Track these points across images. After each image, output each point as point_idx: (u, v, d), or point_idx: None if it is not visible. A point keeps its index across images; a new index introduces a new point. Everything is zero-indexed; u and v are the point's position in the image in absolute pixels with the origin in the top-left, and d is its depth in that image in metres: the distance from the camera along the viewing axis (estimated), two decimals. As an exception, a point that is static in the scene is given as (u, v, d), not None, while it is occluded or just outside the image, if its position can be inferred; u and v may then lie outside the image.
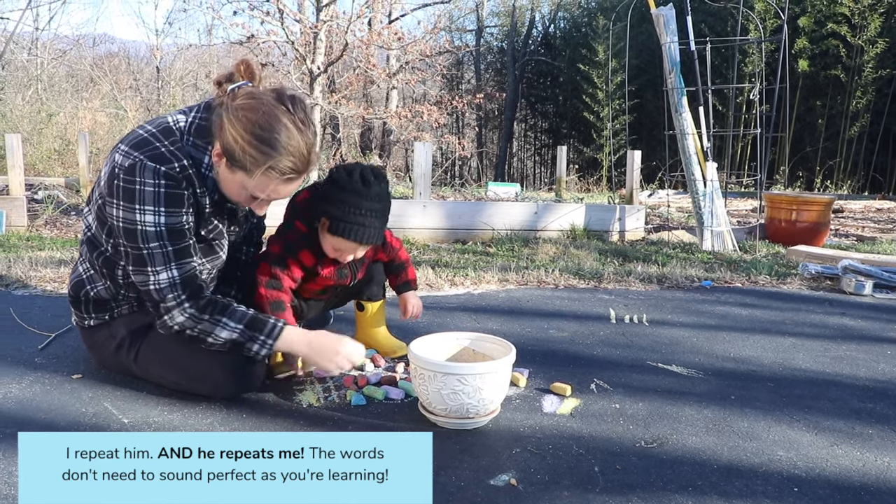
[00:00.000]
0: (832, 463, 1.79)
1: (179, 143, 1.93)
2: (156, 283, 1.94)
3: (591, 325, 3.07)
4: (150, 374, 2.17)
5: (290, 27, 11.24)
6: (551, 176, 17.51)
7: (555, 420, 2.02)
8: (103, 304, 2.16)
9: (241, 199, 1.98)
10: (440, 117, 12.40)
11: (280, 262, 2.26)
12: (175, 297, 1.94)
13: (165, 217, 1.90)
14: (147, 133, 1.93)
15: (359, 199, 2.10)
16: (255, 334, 1.99)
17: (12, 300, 3.22)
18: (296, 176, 1.89)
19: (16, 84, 14.76)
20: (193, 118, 1.98)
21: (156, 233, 1.90)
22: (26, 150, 9.45)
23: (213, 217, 2.05)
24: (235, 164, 1.86)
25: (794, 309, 3.50)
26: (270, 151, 1.82)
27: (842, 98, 12.34)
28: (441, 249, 5.13)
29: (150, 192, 1.87)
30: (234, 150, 1.83)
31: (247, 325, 1.99)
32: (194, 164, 1.94)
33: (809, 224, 5.65)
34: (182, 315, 1.96)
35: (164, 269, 1.93)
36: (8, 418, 1.92)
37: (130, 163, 1.87)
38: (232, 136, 1.83)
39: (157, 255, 1.92)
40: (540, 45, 20.06)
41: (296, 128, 1.85)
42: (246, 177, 1.87)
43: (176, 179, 1.89)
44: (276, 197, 1.95)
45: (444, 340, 2.17)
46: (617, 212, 5.97)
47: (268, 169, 1.83)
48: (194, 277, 1.98)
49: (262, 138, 1.81)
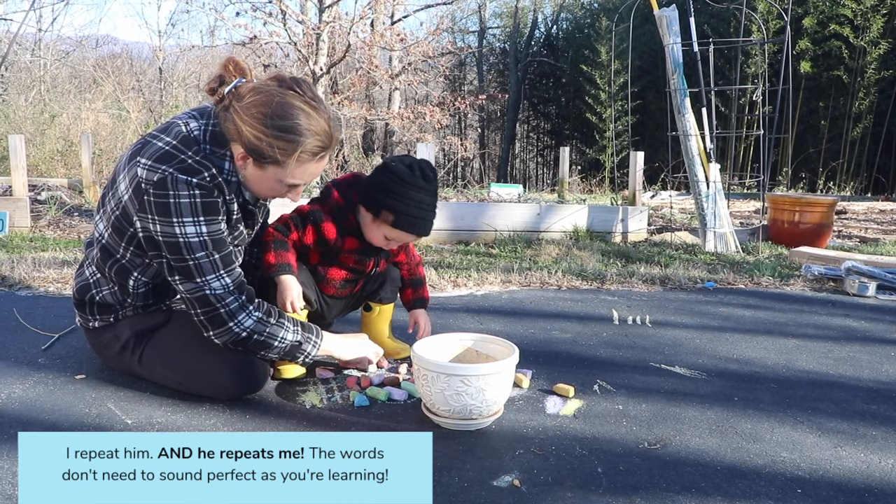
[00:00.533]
0: (836, 465, 1.79)
1: (202, 152, 1.93)
2: (211, 291, 1.94)
3: (594, 327, 3.07)
4: (154, 375, 2.17)
5: (292, 28, 11.26)
6: (553, 177, 17.50)
7: (558, 421, 2.02)
8: (108, 308, 2.17)
9: (277, 193, 2.02)
10: (442, 118, 12.40)
11: (299, 220, 2.30)
12: (236, 300, 1.97)
13: (206, 226, 1.91)
14: (167, 145, 1.91)
15: (422, 194, 2.18)
16: (308, 335, 2.10)
17: (16, 301, 3.22)
18: (325, 152, 1.95)
19: (19, 85, 14.80)
20: (206, 125, 1.97)
21: (200, 243, 1.90)
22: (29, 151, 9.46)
23: (239, 224, 2.07)
24: (265, 161, 1.89)
25: (798, 310, 3.49)
26: (297, 138, 1.86)
27: (844, 99, 12.32)
28: (444, 250, 5.13)
29: (186, 203, 1.86)
30: (261, 148, 1.86)
31: (302, 331, 2.09)
32: (218, 173, 1.95)
33: (812, 225, 5.64)
34: (250, 318, 1.98)
35: (216, 278, 1.94)
36: (12, 419, 1.93)
37: (160, 177, 1.85)
38: (253, 136, 1.85)
39: (204, 264, 1.92)
40: (542, 47, 20.06)
41: (311, 108, 1.89)
42: (279, 169, 1.91)
43: (208, 189, 1.89)
44: (312, 178, 2.01)
45: (447, 341, 2.17)
46: (620, 213, 5.97)
47: (300, 154, 1.88)
48: (244, 283, 2.02)
49: (285, 128, 1.85)
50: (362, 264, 2.39)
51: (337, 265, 2.38)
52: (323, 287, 2.42)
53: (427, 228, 2.25)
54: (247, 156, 1.91)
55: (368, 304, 2.57)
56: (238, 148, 1.92)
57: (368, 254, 2.37)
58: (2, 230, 5.28)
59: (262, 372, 2.11)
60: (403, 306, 2.64)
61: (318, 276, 2.38)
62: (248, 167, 1.94)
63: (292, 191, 2.03)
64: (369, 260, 2.40)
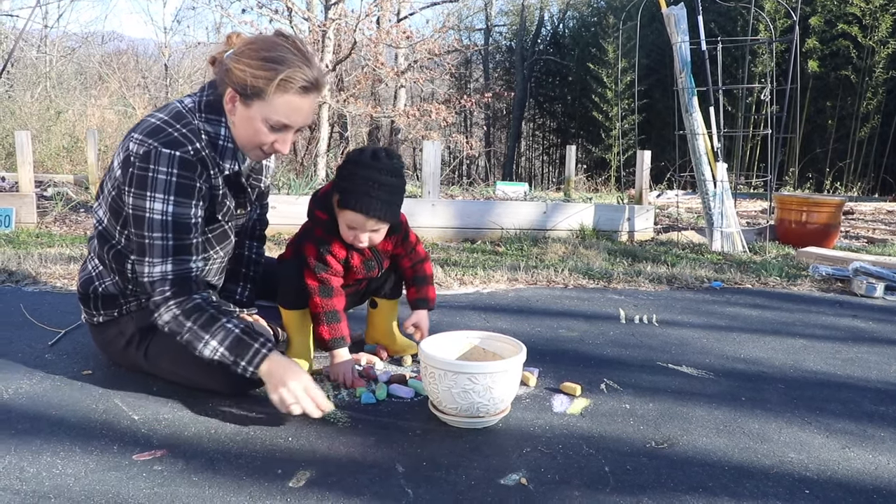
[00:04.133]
0: (844, 465, 1.78)
1: (192, 124, 1.96)
2: (149, 274, 1.93)
3: (600, 325, 3.07)
4: (160, 370, 2.17)
5: (298, 25, 11.28)
6: (559, 175, 17.50)
7: (565, 420, 2.01)
8: (112, 300, 2.17)
9: (264, 138, 1.97)
10: (448, 116, 12.38)
11: (320, 260, 2.26)
12: (162, 293, 1.92)
13: (174, 206, 1.91)
14: (159, 120, 1.95)
15: (367, 170, 2.11)
16: (238, 360, 1.89)
17: (22, 296, 3.23)
18: (310, 86, 1.92)
19: (25, 81, 14.82)
20: (202, 96, 2.01)
21: (161, 222, 1.90)
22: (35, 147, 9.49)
23: (226, 199, 2.07)
24: (250, 95, 1.90)
25: (805, 311, 3.48)
26: (280, 67, 1.87)
27: (852, 99, 12.28)
28: (450, 248, 5.13)
29: (162, 179, 1.88)
30: (246, 80, 1.88)
31: (228, 347, 1.88)
32: (210, 141, 1.97)
33: (820, 226, 5.63)
34: (168, 313, 1.92)
35: (161, 263, 1.92)
36: (19, 414, 1.93)
37: (145, 150, 1.89)
38: (240, 70, 1.88)
39: (157, 245, 1.92)
40: (549, 45, 20.03)
41: (299, 52, 1.92)
42: (263, 104, 1.91)
43: (190, 164, 1.91)
44: (297, 119, 1.95)
45: (454, 339, 2.16)
46: (626, 212, 5.95)
47: (281, 82, 1.87)
48: (188, 279, 1.94)
49: (270, 58, 1.88)
50: (368, 272, 2.39)
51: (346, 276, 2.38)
52: None
53: (373, 206, 2.11)
54: (234, 95, 1.92)
55: (374, 301, 2.57)
56: (229, 91, 1.93)
57: (371, 263, 2.37)
58: (8, 226, 5.29)
59: None
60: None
61: None
62: (237, 111, 1.95)
63: (279, 138, 1.98)
64: (374, 269, 2.39)
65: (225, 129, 1.99)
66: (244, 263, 2.41)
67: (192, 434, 1.84)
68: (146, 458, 1.70)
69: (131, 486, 1.56)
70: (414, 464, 1.71)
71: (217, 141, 1.99)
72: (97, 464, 1.66)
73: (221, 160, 2.01)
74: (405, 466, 1.69)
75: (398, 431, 1.90)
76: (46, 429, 1.84)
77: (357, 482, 1.61)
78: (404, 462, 1.72)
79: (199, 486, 1.57)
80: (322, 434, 1.86)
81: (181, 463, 1.68)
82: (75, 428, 1.85)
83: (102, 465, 1.65)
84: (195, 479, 1.60)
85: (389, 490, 1.58)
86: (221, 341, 1.89)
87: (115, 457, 1.70)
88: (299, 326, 2.35)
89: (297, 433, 1.86)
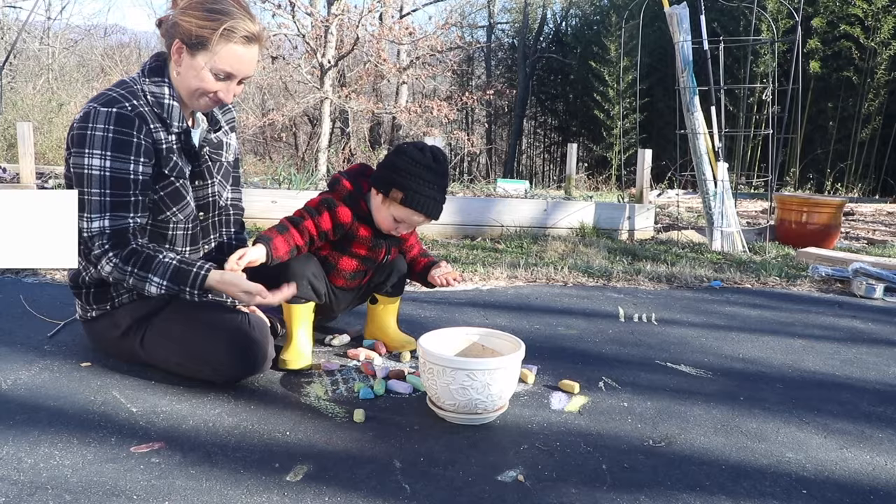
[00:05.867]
0: (841, 466, 1.78)
1: (133, 87, 2.05)
2: (88, 230, 2.00)
3: (599, 323, 3.07)
4: (155, 358, 2.18)
5: (301, 20, 11.26)
6: (560, 173, 17.49)
7: (563, 417, 2.02)
8: (103, 294, 2.19)
9: (208, 86, 2.04)
10: (450, 113, 12.38)
11: (313, 209, 2.32)
12: (101, 246, 2.00)
13: (111, 161, 1.97)
14: (104, 90, 2.06)
15: (433, 175, 2.22)
16: (182, 287, 2.00)
17: (22, 287, 3.23)
18: (252, 36, 2.03)
19: (27, 73, 14.81)
20: (145, 64, 2.12)
21: (99, 177, 1.97)
22: (37, 138, 9.48)
23: (172, 155, 2.11)
24: (195, 45, 1.99)
25: (804, 311, 3.48)
26: (223, 17, 1.97)
27: (854, 100, 12.26)
28: (450, 245, 5.13)
29: (99, 136, 1.96)
30: (192, 31, 1.97)
31: (170, 278, 1.99)
32: (157, 101, 2.05)
33: (820, 226, 5.62)
34: (109, 265, 2.00)
35: (99, 218, 1.99)
36: (18, 405, 1.93)
37: (85, 111, 1.99)
38: (186, 22, 1.97)
39: (95, 201, 1.98)
40: (551, 43, 19.99)
41: (240, 4, 2.04)
42: (207, 54, 2.00)
43: (128, 119, 1.98)
44: (240, 68, 2.04)
45: (453, 335, 2.17)
46: (626, 210, 5.95)
47: (225, 31, 1.97)
48: (125, 231, 2.02)
49: (214, 9, 1.98)
50: (375, 252, 2.40)
51: (348, 255, 2.40)
52: (333, 278, 2.43)
53: (436, 210, 2.26)
54: (181, 46, 2.00)
55: (374, 297, 2.57)
56: (175, 43, 2.01)
57: (380, 242, 2.39)
58: (9, 217, 5.29)
59: (261, 354, 2.12)
60: (422, 284, 2.62)
61: (328, 266, 2.39)
62: (183, 61, 2.03)
63: (222, 87, 2.06)
64: (381, 248, 2.40)
65: (169, 89, 2.08)
66: (224, 250, 2.40)
67: (190, 427, 1.84)
68: (144, 450, 1.70)
69: (129, 478, 1.56)
70: (411, 459, 1.71)
71: (162, 100, 2.07)
72: (95, 455, 1.66)
73: (169, 118, 2.08)
74: (402, 462, 1.70)
75: (396, 427, 1.90)
76: (45, 420, 1.84)
77: (354, 477, 1.61)
78: (402, 457, 1.72)
79: (197, 478, 1.57)
80: (320, 428, 1.87)
81: (179, 455, 1.68)
82: (73, 419, 1.86)
83: (100, 457, 1.65)
84: (193, 471, 1.60)
85: (387, 485, 1.58)
86: (163, 275, 1.99)
87: (113, 448, 1.70)
88: (300, 321, 2.35)
89: (295, 427, 1.87)
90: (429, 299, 3.36)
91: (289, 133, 17.62)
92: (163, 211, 2.13)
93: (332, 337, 2.60)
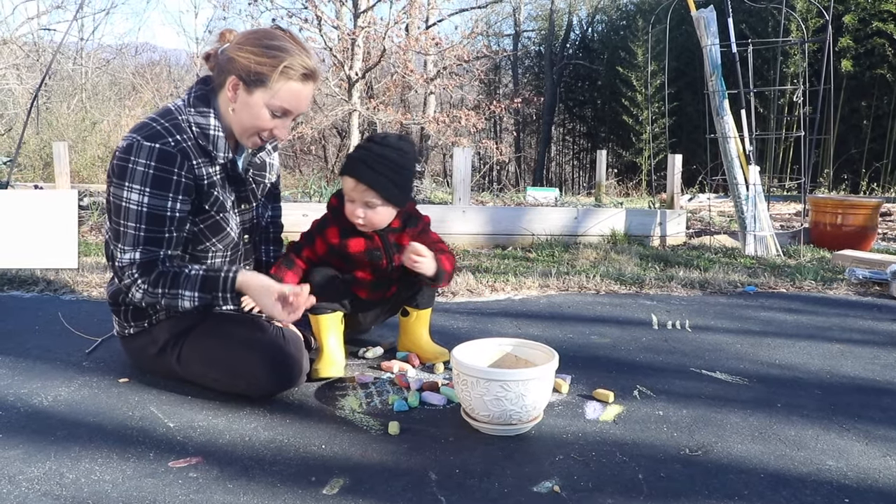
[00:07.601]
0: (885, 474, 1.75)
1: (178, 119, 2.04)
2: (120, 260, 2.03)
3: (633, 331, 3.05)
4: (192, 374, 2.21)
5: (328, 34, 11.37)
6: (590, 180, 17.41)
7: (598, 427, 2.00)
8: (141, 312, 2.22)
9: (264, 123, 2.05)
10: (478, 122, 12.41)
11: (307, 235, 2.40)
12: (130, 276, 2.03)
13: (150, 198, 1.98)
14: (148, 118, 2.06)
15: (369, 142, 2.25)
16: (214, 293, 2.04)
17: (60, 305, 3.29)
18: (310, 73, 2.04)
19: (61, 93, 15.09)
20: (191, 91, 2.11)
21: (136, 212, 1.99)
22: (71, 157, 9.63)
23: (214, 189, 2.12)
24: (253, 82, 1.99)
25: (842, 315, 3.43)
26: (282, 54, 1.98)
27: (888, 98, 12.06)
28: (481, 255, 5.13)
29: (140, 171, 1.97)
30: (249, 67, 1.97)
31: (200, 288, 2.03)
32: (202, 132, 2.05)
33: (856, 228, 5.53)
34: (139, 291, 2.03)
35: (131, 251, 2.01)
36: (58, 421, 1.97)
37: (128, 143, 1.98)
38: (244, 59, 1.97)
39: (130, 234, 2.00)
40: (578, 49, 19.96)
41: (297, 42, 2.05)
42: (265, 91, 2.00)
43: (169, 156, 1.98)
44: (297, 105, 2.06)
45: (486, 346, 2.17)
46: (658, 216, 5.91)
47: (284, 69, 1.97)
48: (153, 263, 2.04)
49: (272, 46, 1.98)
50: (376, 262, 2.41)
51: (357, 267, 2.43)
52: (355, 289, 2.46)
53: (357, 169, 2.20)
54: (237, 82, 2.00)
55: (406, 310, 2.58)
56: (231, 79, 2.01)
57: (376, 252, 2.39)
58: (47, 236, 5.39)
59: (296, 369, 2.14)
60: (424, 283, 2.48)
61: (347, 279, 2.43)
62: (239, 98, 2.02)
63: (279, 124, 2.07)
64: (380, 258, 2.41)
65: (215, 120, 2.07)
66: (262, 268, 2.44)
67: (227, 441, 1.86)
68: (182, 465, 1.72)
69: (167, 493, 1.58)
70: (446, 471, 1.71)
71: (208, 131, 2.06)
72: (134, 470, 1.69)
73: (215, 149, 2.08)
74: (438, 474, 1.70)
75: (430, 439, 1.90)
76: (85, 435, 1.88)
77: (390, 489, 1.62)
78: (437, 469, 1.72)
79: (234, 493, 1.59)
80: (355, 441, 1.88)
81: (216, 470, 1.70)
82: (113, 435, 1.89)
83: (139, 472, 1.68)
84: (230, 486, 1.62)
85: (422, 497, 1.58)
86: (193, 287, 2.03)
87: (152, 464, 1.72)
88: (329, 331, 2.37)
89: (331, 440, 1.88)
90: (461, 310, 3.36)
91: (318, 146, 17.79)
92: (202, 242, 2.17)
93: (366, 349, 2.61)
